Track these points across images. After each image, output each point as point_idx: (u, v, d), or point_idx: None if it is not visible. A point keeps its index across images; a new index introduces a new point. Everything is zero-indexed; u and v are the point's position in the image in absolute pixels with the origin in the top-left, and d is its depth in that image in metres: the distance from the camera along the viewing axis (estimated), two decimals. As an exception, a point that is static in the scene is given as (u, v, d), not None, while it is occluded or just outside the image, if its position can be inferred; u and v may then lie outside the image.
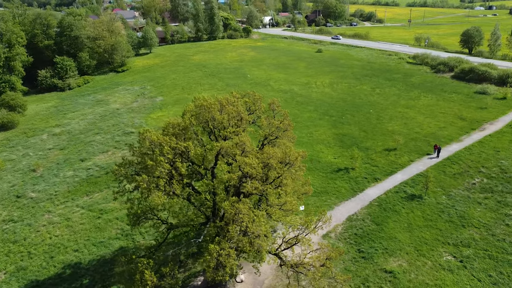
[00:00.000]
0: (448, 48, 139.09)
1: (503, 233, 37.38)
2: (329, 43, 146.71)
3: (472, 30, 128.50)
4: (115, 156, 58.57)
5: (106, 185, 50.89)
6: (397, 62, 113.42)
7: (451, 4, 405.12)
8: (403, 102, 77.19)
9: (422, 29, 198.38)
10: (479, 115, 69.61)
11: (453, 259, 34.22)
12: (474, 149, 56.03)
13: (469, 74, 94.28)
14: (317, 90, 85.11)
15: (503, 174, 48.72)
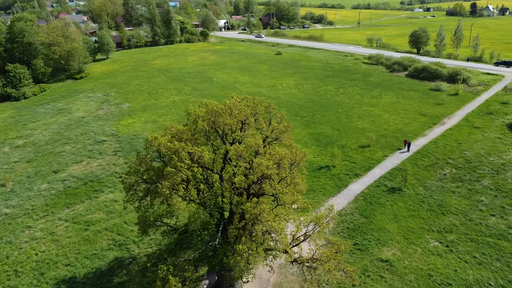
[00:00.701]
0: (398, 48, 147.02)
1: (479, 217, 40.79)
2: (287, 46, 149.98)
3: (420, 31, 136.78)
4: (91, 166, 56.81)
5: (87, 196, 49.33)
6: (354, 63, 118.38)
7: (392, 6, 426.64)
8: (367, 100, 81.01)
9: (371, 31, 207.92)
10: (437, 111, 74.65)
11: (440, 245, 36.94)
12: (438, 142, 60.20)
13: (422, 73, 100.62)
14: (284, 92, 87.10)
15: (468, 164, 52.87)
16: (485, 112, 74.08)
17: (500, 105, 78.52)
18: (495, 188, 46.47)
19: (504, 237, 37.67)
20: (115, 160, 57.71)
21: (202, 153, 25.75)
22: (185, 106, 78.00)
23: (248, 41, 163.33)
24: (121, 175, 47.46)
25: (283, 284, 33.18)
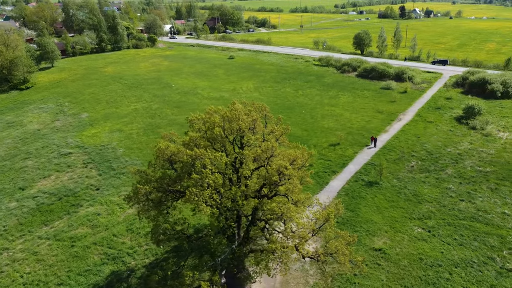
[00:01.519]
0: (343, 50, 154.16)
1: (451, 203, 44.78)
2: (237, 50, 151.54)
3: (362, 34, 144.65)
4: (61, 180, 54.21)
5: (64, 211, 47.16)
6: (306, 65, 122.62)
7: (328, 10, 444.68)
8: (326, 101, 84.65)
9: (314, 33, 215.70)
10: (392, 108, 79.91)
11: (423, 231, 40.17)
12: (400, 137, 64.70)
13: (371, 73, 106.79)
14: (246, 96, 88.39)
15: (430, 155, 57.52)
16: (434, 108, 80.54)
17: (445, 100, 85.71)
18: (458, 176, 51.11)
19: (475, 219, 41.77)
20: (87, 173, 55.57)
21: (221, 158, 26.23)
22: (149, 114, 76.84)
23: (197, 46, 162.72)
24: (134, 184, 46.16)
25: (289, 281, 34.38)
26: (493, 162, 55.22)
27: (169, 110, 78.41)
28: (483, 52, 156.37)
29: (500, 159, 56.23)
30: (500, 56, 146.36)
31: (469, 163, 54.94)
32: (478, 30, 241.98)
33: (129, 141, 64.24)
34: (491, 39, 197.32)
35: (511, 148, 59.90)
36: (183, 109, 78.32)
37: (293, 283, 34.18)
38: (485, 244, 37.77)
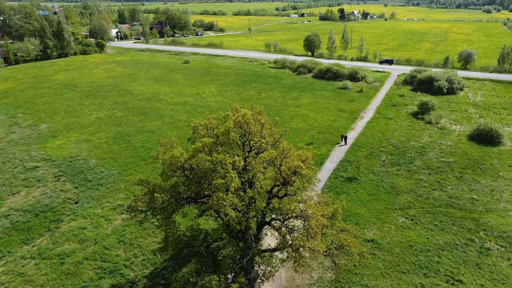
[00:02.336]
0: (294, 52, 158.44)
1: (426, 193, 48.39)
2: (190, 54, 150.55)
3: (312, 36, 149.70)
4: (34, 196, 51.33)
5: (44, 228, 44.84)
6: (262, 68, 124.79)
7: (270, 13, 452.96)
8: (290, 102, 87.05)
9: (262, 36, 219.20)
10: (353, 107, 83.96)
11: (406, 220, 43.14)
12: (366, 134, 68.35)
13: (327, 73, 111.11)
14: (211, 100, 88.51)
15: (397, 150, 61.47)
16: (390, 105, 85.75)
17: (398, 97, 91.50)
18: (426, 167, 55.20)
19: (450, 205, 45.55)
20: (61, 186, 53.09)
21: (240, 162, 26.81)
22: (114, 122, 74.67)
23: (148, 51, 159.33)
24: (136, 195, 44.73)
25: (294, 277, 35.55)
26: (453, 153, 60.20)
27: (135, 117, 76.63)
28: (421, 52, 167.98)
29: (458, 150, 61.39)
30: (437, 54, 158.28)
31: (433, 155, 59.47)
32: (413, 30, 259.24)
33: (99, 151, 62.12)
34: (426, 39, 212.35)
35: (465, 140, 65.56)
36: (150, 116, 76.92)
37: (298, 279, 35.40)
38: (462, 227, 41.41)
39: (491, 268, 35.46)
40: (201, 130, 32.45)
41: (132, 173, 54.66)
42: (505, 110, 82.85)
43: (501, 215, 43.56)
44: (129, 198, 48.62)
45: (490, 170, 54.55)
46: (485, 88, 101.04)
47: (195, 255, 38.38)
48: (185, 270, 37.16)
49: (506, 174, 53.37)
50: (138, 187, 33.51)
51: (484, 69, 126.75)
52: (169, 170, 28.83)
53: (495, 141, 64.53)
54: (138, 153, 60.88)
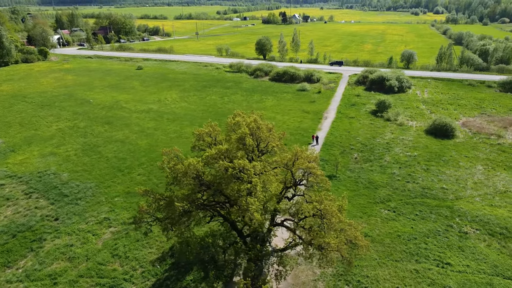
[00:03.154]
0: (246, 55, 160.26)
1: (401, 186, 51.88)
2: (142, 59, 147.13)
3: (264, 40, 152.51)
4: (6, 216, 48.08)
5: (26, 248, 42.38)
6: (218, 72, 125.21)
7: (213, 16, 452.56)
8: (255, 105, 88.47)
9: (210, 40, 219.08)
10: (315, 108, 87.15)
11: (389, 212, 46.12)
12: (334, 133, 71.46)
13: (284, 76, 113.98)
14: (175, 106, 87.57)
15: (365, 147, 65.04)
16: (349, 104, 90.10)
17: (355, 97, 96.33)
18: (395, 162, 59.06)
19: (424, 196, 49.29)
20: (35, 203, 50.24)
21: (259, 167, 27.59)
22: (78, 133, 71.67)
23: (96, 57, 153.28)
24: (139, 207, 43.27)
25: (298, 274, 36.81)
26: (416, 147, 64.87)
27: (100, 127, 74.01)
28: (364, 53, 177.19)
29: (419, 144, 66.24)
30: (380, 55, 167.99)
31: (399, 150, 63.69)
32: (353, 33, 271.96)
33: (70, 164, 59.46)
34: (366, 41, 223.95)
35: (423, 134, 70.83)
36: (115, 125, 74.69)
37: (302, 276, 36.72)
38: (440, 215, 45.09)
39: (472, 249, 39.13)
40: (206, 137, 32.73)
41: (110, 185, 53.07)
42: (451, 106, 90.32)
43: (470, 202, 47.93)
44: (113, 211, 47.33)
45: (451, 161, 59.56)
46: (430, 85, 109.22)
47: (195, 262, 38.44)
48: (189, 278, 37.10)
49: (465, 164, 58.58)
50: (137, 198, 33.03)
51: (425, 68, 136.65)
52: (184, 179, 28.85)
53: (449, 134, 70.34)
54: (112, 164, 59.10)
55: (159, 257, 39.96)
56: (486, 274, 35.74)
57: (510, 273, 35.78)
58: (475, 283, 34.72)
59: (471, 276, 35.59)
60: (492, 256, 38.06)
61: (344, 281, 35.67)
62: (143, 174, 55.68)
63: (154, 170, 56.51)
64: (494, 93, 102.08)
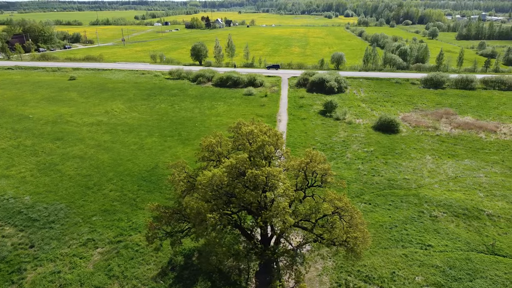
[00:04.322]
0: (181, 61, 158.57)
1: (369, 180, 56.13)
2: (72, 69, 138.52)
3: (199, 45, 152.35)
4: (-31, 249, 43.57)
5: (6, 281, 38.91)
6: (159, 80, 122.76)
7: (132, 21, 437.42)
8: (208, 112, 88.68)
9: (138, 47, 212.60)
10: (267, 111, 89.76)
11: (366, 204, 49.84)
12: (293, 135, 74.52)
13: (228, 81, 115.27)
14: (126, 116, 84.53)
15: (325, 146, 68.97)
16: (298, 106, 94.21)
17: (300, 99, 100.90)
18: (357, 158, 63.58)
19: (391, 187, 53.99)
20: (0, 232, 46.04)
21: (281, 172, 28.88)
22: (28, 152, 66.47)
23: (17, 68, 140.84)
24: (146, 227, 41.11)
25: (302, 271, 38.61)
26: (369, 143, 70.27)
27: (51, 143, 69.16)
28: (294, 56, 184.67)
29: (372, 140, 71.82)
30: (309, 57, 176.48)
31: (356, 146, 68.54)
32: (278, 36, 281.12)
33: (29, 186, 55.09)
34: (293, 44, 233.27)
35: (372, 131, 76.80)
36: (68, 141, 70.33)
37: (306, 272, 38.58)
38: (410, 203, 49.86)
39: (446, 231, 44.07)
40: (216, 147, 33.20)
41: (83, 204, 50.35)
42: (387, 103, 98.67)
43: (431, 189, 53.55)
44: (95, 231, 45.16)
45: (403, 153, 65.64)
46: (363, 85, 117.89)
47: (200, 272, 38.44)
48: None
49: (416, 155, 64.94)
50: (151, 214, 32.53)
51: (353, 69, 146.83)
52: (209, 190, 29.11)
53: (394, 129, 77.11)
54: (78, 182, 55.92)
55: (159, 272, 39.20)
56: (462, 251, 40.64)
57: (481, 248, 41.09)
58: (456, 259, 39.33)
59: (451, 253, 40.23)
60: (463, 235, 43.28)
61: (345, 272, 38.18)
62: (116, 190, 53.57)
63: (126, 185, 54.66)
64: (419, 89, 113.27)
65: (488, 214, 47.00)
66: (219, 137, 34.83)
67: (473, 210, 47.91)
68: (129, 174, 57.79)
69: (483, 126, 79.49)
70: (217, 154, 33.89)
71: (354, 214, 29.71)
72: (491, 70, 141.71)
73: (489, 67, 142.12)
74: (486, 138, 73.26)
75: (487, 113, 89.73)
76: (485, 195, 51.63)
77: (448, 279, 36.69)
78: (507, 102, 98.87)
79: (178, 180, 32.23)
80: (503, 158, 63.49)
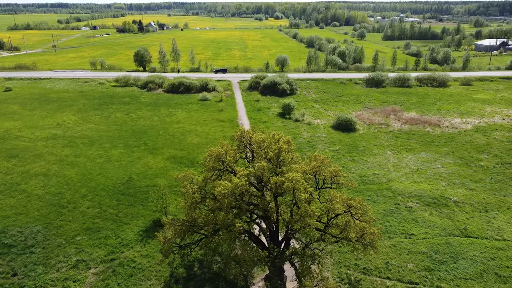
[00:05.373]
0: (123, 68, 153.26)
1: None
2: (4, 79, 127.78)
3: (142, 51, 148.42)
4: None
5: (-6, 315, 36.11)
6: (105, 87, 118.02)
7: (56, 26, 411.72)
8: (168, 119, 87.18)
9: (71, 53, 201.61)
10: (227, 116, 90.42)
11: (346, 201, 52.68)
12: (259, 138, 75.83)
13: (180, 87, 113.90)
14: (82, 128, 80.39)
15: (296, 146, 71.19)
16: (256, 110, 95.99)
17: (256, 102, 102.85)
18: (326, 157, 66.57)
19: (365, 182, 57.52)
20: (-27, 262, 42.20)
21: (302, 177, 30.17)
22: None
23: None
24: None
25: (305, 270, 40.20)
26: (333, 142, 73.93)
27: (5, 162, 63.94)
28: (236, 59, 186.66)
29: (334, 139, 75.60)
30: (252, 60, 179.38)
31: (322, 146, 71.78)
32: (215, 40, 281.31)
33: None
34: (232, 47, 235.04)
35: (332, 130, 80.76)
36: (24, 158, 65.49)
37: (308, 271, 40.20)
38: (385, 197, 53.62)
39: (422, 219, 48.18)
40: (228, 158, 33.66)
41: (61, 224, 47.59)
42: (338, 103, 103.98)
43: (399, 182, 57.94)
44: (83, 251, 43.03)
45: (366, 150, 70.01)
46: (311, 86, 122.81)
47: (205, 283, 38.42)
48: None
49: (377, 151, 69.59)
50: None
51: (298, 71, 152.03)
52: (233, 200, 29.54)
53: (352, 128, 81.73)
54: (49, 201, 52.58)
55: (163, 287, 38.59)
56: (442, 236, 44.81)
57: (456, 232, 45.59)
58: (438, 244, 43.30)
59: (432, 240, 44.20)
60: (438, 222, 47.65)
61: (344, 267, 40.44)
62: (94, 206, 51.26)
63: (104, 200, 52.53)
64: (363, 89, 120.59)
65: (454, 201, 52.09)
66: (227, 147, 35.25)
67: (440, 199, 52.78)
68: (104, 189, 55.51)
69: (427, 121, 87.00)
70: (226, 164, 34.32)
71: (368, 212, 31.84)
72: (420, 68, 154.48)
73: (419, 65, 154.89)
74: (433, 131, 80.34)
75: (427, 108, 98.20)
76: (447, 184, 57.05)
77: (435, 263, 40.37)
78: (442, 98, 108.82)
79: (191, 192, 32.18)
80: (452, 149, 70.24)
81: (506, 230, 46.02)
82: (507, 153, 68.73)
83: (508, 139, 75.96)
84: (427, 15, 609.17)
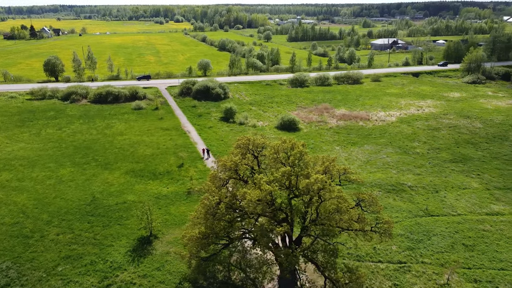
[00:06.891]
0: (32, 79, 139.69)
1: (306, 174, 62.56)
2: None
3: (54, 60, 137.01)
4: None
5: None
6: (20, 102, 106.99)
7: None
8: (108, 132, 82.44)
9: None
10: (169, 124, 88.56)
11: (318, 196, 56.02)
12: (212, 143, 76.09)
13: (108, 97, 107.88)
14: (13, 149, 72.00)
15: (248, 150, 72.93)
16: (196, 116, 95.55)
17: (193, 108, 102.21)
18: (284, 157, 69.45)
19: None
20: None
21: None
22: None
23: None
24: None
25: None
26: (284, 142, 77.03)
27: None
28: (152, 64, 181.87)
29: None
30: (170, 66, 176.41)
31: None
32: (121, 45, 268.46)
33: None
34: (144, 53, 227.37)
35: (278, 131, 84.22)
36: (-45, 188, 57.34)
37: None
38: (350, 188, 57.90)
39: (390, 205, 53.42)
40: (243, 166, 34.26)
41: (34, 257, 43.16)
42: (272, 104, 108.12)
43: (356, 173, 62.97)
44: (71, 282, 39.75)
45: (317, 147, 74.57)
46: (240, 89, 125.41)
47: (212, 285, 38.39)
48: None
49: (327, 147, 74.59)
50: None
51: (221, 74, 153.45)
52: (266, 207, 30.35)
53: (296, 127, 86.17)
54: (8, 232, 46.99)
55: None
56: (410, 218, 50.44)
57: (421, 213, 51.63)
58: (411, 226, 48.70)
59: (404, 222, 49.55)
60: (403, 206, 53.41)
61: (340, 257, 43.35)
62: (65, 232, 47.24)
63: (74, 225, 48.69)
64: (289, 89, 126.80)
65: (409, 186, 58.65)
66: (237, 155, 35.72)
67: (397, 185, 58.99)
68: (68, 212, 51.32)
69: (357, 116, 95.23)
70: (241, 172, 34.88)
71: (378, 202, 35.03)
72: (333, 67, 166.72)
73: (331, 65, 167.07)
74: (366, 125, 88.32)
75: (353, 104, 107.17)
76: (397, 172, 63.80)
77: (414, 242, 45.51)
78: (362, 94, 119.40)
79: (215, 204, 32.17)
80: (389, 140, 78.23)
81: (457, 206, 53.39)
82: (432, 140, 78.71)
83: (428, 127, 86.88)
84: (320, 17, 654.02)
